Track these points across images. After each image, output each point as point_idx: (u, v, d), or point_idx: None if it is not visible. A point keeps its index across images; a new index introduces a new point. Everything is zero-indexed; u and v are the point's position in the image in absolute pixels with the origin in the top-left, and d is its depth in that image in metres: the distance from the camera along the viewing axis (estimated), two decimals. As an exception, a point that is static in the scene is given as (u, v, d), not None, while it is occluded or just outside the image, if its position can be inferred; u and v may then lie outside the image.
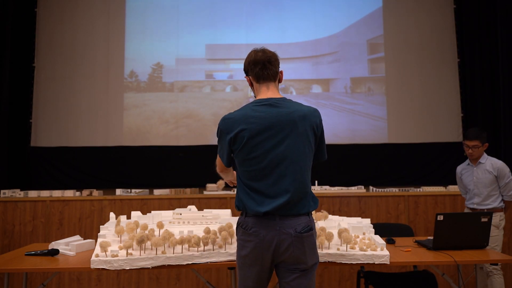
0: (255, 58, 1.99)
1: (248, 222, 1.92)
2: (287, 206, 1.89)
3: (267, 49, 2.03)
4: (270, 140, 1.89)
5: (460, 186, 3.77)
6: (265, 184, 1.90)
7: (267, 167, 1.90)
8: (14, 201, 4.27)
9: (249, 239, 1.91)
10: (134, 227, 2.52)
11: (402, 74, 5.92)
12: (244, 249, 1.93)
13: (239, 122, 1.91)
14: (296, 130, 1.91)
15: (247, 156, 1.91)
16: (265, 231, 1.89)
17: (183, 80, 5.91)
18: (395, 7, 6.00)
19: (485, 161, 3.55)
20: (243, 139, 1.90)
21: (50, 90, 5.79)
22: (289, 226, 1.89)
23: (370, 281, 3.13)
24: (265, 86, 2.01)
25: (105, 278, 4.13)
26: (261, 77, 2.00)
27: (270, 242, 1.88)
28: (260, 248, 1.89)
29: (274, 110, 1.93)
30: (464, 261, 2.54)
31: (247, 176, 1.93)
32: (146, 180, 5.49)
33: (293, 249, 1.88)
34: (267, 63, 1.99)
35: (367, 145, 5.82)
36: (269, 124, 1.90)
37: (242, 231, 1.94)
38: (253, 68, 2.00)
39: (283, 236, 1.88)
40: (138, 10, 5.97)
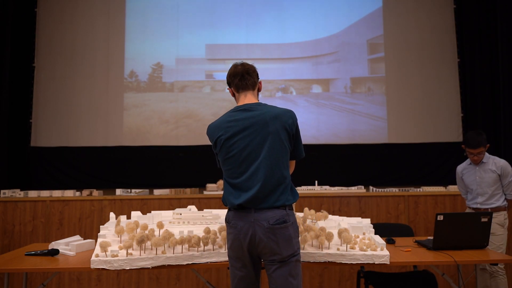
0: (235, 70, 2.20)
1: (229, 216, 2.12)
2: (257, 198, 2.04)
3: (246, 62, 2.24)
4: (244, 139, 2.08)
5: (461, 186, 3.72)
6: (241, 180, 2.08)
7: (242, 164, 2.08)
8: (14, 201, 4.26)
9: (230, 231, 2.10)
10: (134, 227, 2.52)
11: (402, 74, 5.92)
12: (228, 241, 2.12)
13: (218, 128, 2.14)
14: (267, 128, 2.08)
15: (225, 156, 2.11)
16: (242, 222, 2.06)
17: (183, 80, 5.91)
18: (395, 7, 6.00)
19: (487, 160, 3.50)
20: (221, 142, 2.11)
21: (50, 90, 5.80)
22: (263, 218, 2.04)
23: (370, 281, 3.13)
24: (243, 95, 2.21)
25: (105, 278, 4.13)
26: (240, 87, 2.20)
27: (246, 233, 2.04)
28: (238, 239, 2.06)
29: (248, 113, 2.12)
30: (464, 261, 2.54)
31: (228, 174, 2.13)
32: (146, 180, 5.49)
33: (267, 240, 2.02)
34: (246, 74, 2.19)
35: (367, 145, 5.82)
36: (242, 126, 2.09)
37: (226, 224, 2.15)
38: (233, 80, 2.20)
39: (256, 227, 2.03)
40: (138, 10, 5.97)
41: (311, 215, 2.90)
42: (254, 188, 2.04)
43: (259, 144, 2.07)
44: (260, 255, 2.07)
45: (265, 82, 5.93)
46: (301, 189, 4.51)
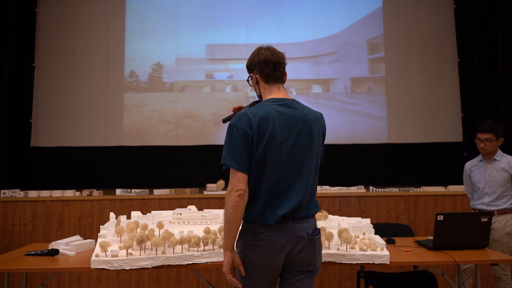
0: (266, 57, 1.95)
1: (258, 227, 1.86)
2: (299, 208, 1.87)
3: (276, 49, 2.00)
4: (289, 140, 1.87)
5: (467, 185, 3.54)
6: (283, 185, 1.86)
7: (285, 168, 1.86)
8: (14, 201, 4.26)
9: (261, 244, 1.84)
10: (134, 227, 2.52)
11: (402, 74, 5.92)
12: (253, 254, 1.86)
13: (267, 119, 1.84)
14: (312, 131, 1.91)
15: (269, 155, 1.84)
16: (278, 235, 1.84)
17: (183, 80, 5.91)
18: (395, 7, 6.00)
19: (500, 158, 3.32)
20: (265, 135, 1.82)
21: (50, 90, 5.80)
22: (301, 229, 1.87)
23: (370, 281, 3.13)
24: (276, 87, 1.98)
25: (105, 278, 4.13)
26: (272, 78, 1.97)
27: (283, 246, 1.84)
28: (272, 253, 1.84)
29: (291, 110, 1.91)
30: (464, 261, 2.54)
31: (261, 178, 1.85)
32: (146, 180, 5.49)
33: (306, 251, 1.87)
34: (278, 64, 1.96)
35: (367, 145, 5.82)
36: (288, 124, 1.88)
37: (251, 235, 1.87)
38: (263, 68, 1.95)
39: (296, 239, 1.86)
40: (138, 10, 5.96)
41: (311, 215, 2.90)
42: (299, 195, 1.85)
43: (305, 148, 1.88)
44: (292, 266, 1.89)
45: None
46: (301, 189, 4.50)
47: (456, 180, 4.50)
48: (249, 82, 2.08)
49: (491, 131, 3.29)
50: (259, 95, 2.05)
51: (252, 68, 2.00)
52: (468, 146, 5.64)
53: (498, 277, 3.27)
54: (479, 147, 3.34)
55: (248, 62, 2.01)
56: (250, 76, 2.04)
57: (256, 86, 2.02)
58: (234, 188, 1.81)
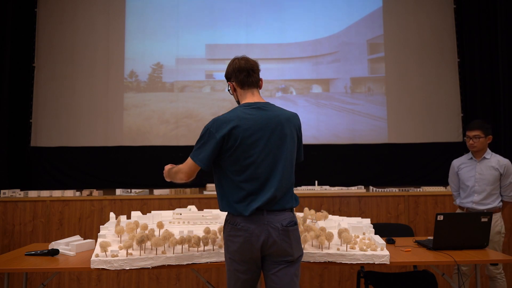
0: (240, 65, 2.13)
1: (237, 218, 2.01)
2: (273, 200, 2.00)
3: (248, 57, 2.20)
4: (262, 140, 2.02)
5: (453, 182, 3.56)
6: (260, 181, 2.00)
7: (259, 165, 2.00)
8: (14, 201, 4.26)
9: (238, 234, 2.00)
10: (134, 227, 2.52)
11: (402, 74, 5.92)
12: (233, 244, 2.02)
13: (230, 121, 2.01)
14: (283, 130, 2.06)
15: (242, 155, 2.00)
16: (254, 225, 1.99)
17: (183, 80, 5.91)
18: (395, 7, 6.00)
19: (490, 157, 3.35)
20: (237, 138, 1.99)
21: (50, 90, 5.79)
22: (276, 220, 2.00)
23: (370, 281, 3.13)
24: (250, 92, 2.15)
25: (105, 278, 4.13)
26: (246, 84, 2.14)
27: (259, 236, 1.98)
28: (249, 242, 1.99)
29: (263, 112, 2.06)
30: (464, 261, 2.54)
31: (239, 174, 2.01)
32: (146, 180, 5.48)
33: (281, 242, 1.99)
34: (251, 71, 2.14)
35: (367, 145, 5.82)
36: (260, 125, 2.03)
37: (231, 227, 2.03)
38: (237, 75, 2.13)
39: (270, 230, 1.99)
40: (138, 10, 5.96)
41: (311, 215, 2.91)
42: (272, 190, 1.99)
43: (277, 145, 2.04)
44: (269, 256, 2.03)
45: (265, 82, 5.90)
46: (301, 189, 4.51)
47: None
48: (229, 91, 2.25)
49: (479, 128, 3.34)
50: (238, 101, 2.22)
51: (229, 77, 2.18)
52: (468, 146, 5.63)
53: (492, 277, 3.28)
54: (468, 144, 3.39)
55: (226, 72, 2.20)
56: (229, 85, 2.21)
57: (234, 93, 2.20)
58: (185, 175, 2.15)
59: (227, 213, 2.08)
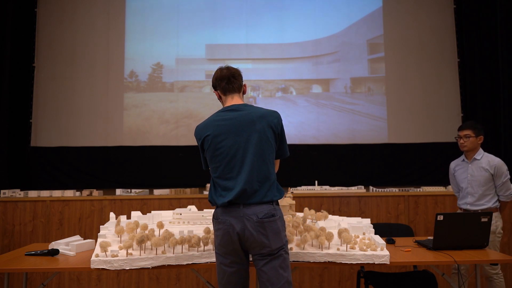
0: (221, 74, 2.29)
1: (217, 212, 2.15)
2: (245, 193, 2.10)
3: (231, 66, 2.33)
4: (232, 138, 2.14)
5: (453, 184, 3.58)
6: (230, 176, 2.13)
7: (230, 161, 2.13)
8: (14, 201, 4.27)
9: (219, 227, 2.13)
10: (134, 227, 2.52)
11: (402, 74, 5.92)
12: (217, 238, 2.15)
13: (206, 127, 2.20)
14: (254, 126, 2.15)
15: (213, 153, 2.16)
16: (231, 217, 2.10)
17: (183, 80, 5.91)
18: (395, 7, 6.00)
19: (480, 158, 3.35)
20: (209, 141, 2.17)
21: (50, 90, 5.80)
22: (252, 213, 2.09)
23: (370, 281, 3.13)
24: (230, 97, 2.28)
25: (105, 278, 4.13)
26: (227, 90, 2.28)
27: (234, 227, 2.09)
28: (228, 234, 2.09)
29: (235, 113, 2.20)
30: (464, 261, 2.54)
31: (216, 172, 2.17)
32: (146, 180, 5.49)
33: (257, 234, 2.08)
34: (232, 77, 2.27)
35: (367, 145, 5.82)
36: (230, 124, 2.16)
37: (214, 221, 2.17)
38: (220, 83, 2.28)
39: (246, 222, 2.08)
40: (138, 10, 5.97)
41: (311, 215, 2.90)
42: (242, 184, 2.09)
43: (246, 141, 2.13)
44: (249, 249, 2.12)
45: (265, 82, 5.94)
46: (301, 189, 4.51)
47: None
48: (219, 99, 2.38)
49: (470, 127, 3.37)
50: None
51: (214, 86, 2.33)
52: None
53: (489, 277, 3.27)
54: (459, 144, 3.42)
55: (212, 82, 2.34)
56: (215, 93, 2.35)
57: (220, 100, 2.35)
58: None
59: None
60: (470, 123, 3.44)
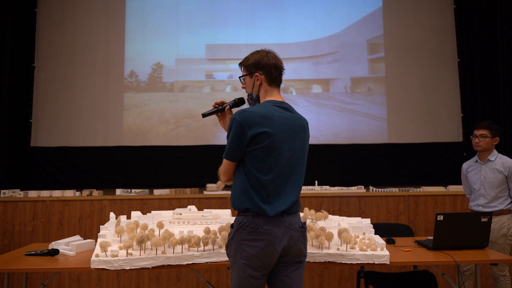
0: (276, 63, 2.07)
1: (257, 222, 1.93)
2: (294, 204, 2.01)
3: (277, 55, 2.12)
4: (288, 141, 1.99)
5: (465, 185, 3.52)
6: (283, 182, 1.98)
7: (284, 166, 1.97)
8: (14, 201, 4.26)
9: (260, 237, 1.92)
10: (134, 227, 2.52)
11: (402, 74, 5.92)
12: (251, 249, 1.92)
13: (265, 120, 1.94)
14: (304, 135, 2.07)
15: (269, 153, 1.94)
16: (277, 228, 1.94)
17: (183, 80, 5.91)
18: (395, 7, 6.00)
19: (495, 159, 3.30)
20: (267, 138, 1.93)
21: (50, 90, 5.79)
22: (294, 222, 2.00)
23: (370, 281, 3.13)
24: (276, 91, 2.10)
25: (105, 278, 4.13)
26: (275, 82, 2.08)
27: (281, 239, 1.95)
28: (271, 246, 1.93)
29: (289, 114, 2.04)
30: (464, 261, 2.54)
31: (264, 173, 1.94)
32: (146, 180, 5.49)
33: (299, 243, 2.01)
34: (282, 70, 2.11)
35: (367, 145, 5.82)
36: (288, 125, 2.00)
37: (250, 230, 1.93)
38: (272, 72, 2.05)
39: (291, 231, 1.97)
40: (138, 10, 5.96)
41: (311, 215, 2.90)
42: (295, 192, 2.01)
43: (299, 149, 2.03)
44: (285, 258, 1.99)
45: (265, 82, 5.92)
46: (301, 189, 4.50)
47: (456, 180, 4.49)
48: (241, 79, 2.17)
49: (487, 127, 3.31)
50: (252, 94, 2.13)
51: (257, 68, 2.06)
52: (468, 146, 5.60)
53: (496, 278, 3.27)
54: (473, 143, 3.35)
55: (254, 61, 2.07)
56: (251, 75, 2.09)
57: (256, 85, 2.09)
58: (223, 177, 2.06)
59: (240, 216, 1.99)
60: (487, 123, 3.35)
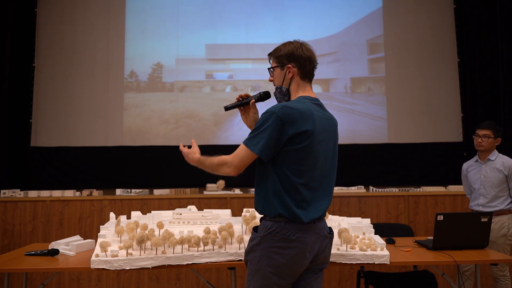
0: (311, 56, 1.94)
1: (290, 228, 1.78)
2: (326, 211, 1.92)
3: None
4: (325, 142, 1.86)
5: (465, 185, 3.53)
6: (317, 186, 1.85)
7: (318, 169, 1.84)
8: (14, 201, 4.27)
9: (292, 245, 1.78)
10: (134, 227, 2.52)
11: (402, 74, 5.92)
12: (280, 257, 1.78)
13: (307, 117, 1.78)
14: (336, 136, 1.96)
15: (308, 154, 1.78)
16: (308, 235, 1.81)
17: (183, 80, 5.91)
18: (395, 7, 6.00)
19: (495, 158, 3.31)
20: (308, 137, 1.77)
21: (50, 90, 5.79)
22: (323, 228, 1.90)
23: (370, 281, 3.13)
24: (309, 86, 1.97)
25: (105, 278, 4.13)
26: (308, 76, 1.95)
27: (313, 246, 1.84)
28: (303, 254, 1.80)
29: (325, 113, 1.93)
30: (464, 261, 2.54)
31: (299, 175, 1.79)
32: (146, 180, 5.48)
33: (327, 249, 1.92)
34: (316, 64, 1.99)
35: (367, 145, 5.82)
36: (325, 125, 1.88)
37: (281, 237, 1.78)
38: (307, 65, 1.92)
39: (321, 238, 1.87)
40: (138, 10, 5.96)
41: (311, 215, 2.90)
42: (327, 198, 1.89)
43: (332, 152, 1.91)
44: (312, 265, 1.88)
45: (265, 82, 5.92)
46: (301, 189, 4.50)
47: (456, 180, 4.49)
48: (270, 71, 1.99)
49: (490, 128, 3.32)
50: (281, 87, 1.95)
51: (291, 59, 1.92)
52: (468, 146, 5.63)
53: (496, 278, 3.27)
54: (476, 143, 3.36)
55: (287, 52, 1.93)
56: (282, 66, 1.94)
57: (288, 78, 1.92)
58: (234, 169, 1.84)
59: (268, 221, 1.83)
60: (490, 123, 3.36)
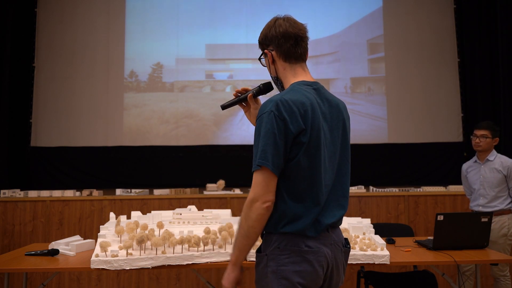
0: (286, 30, 1.60)
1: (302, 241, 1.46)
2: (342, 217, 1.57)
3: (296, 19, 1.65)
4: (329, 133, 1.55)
5: (465, 186, 3.54)
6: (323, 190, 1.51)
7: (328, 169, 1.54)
8: (14, 201, 4.26)
9: (307, 258, 1.45)
10: (134, 227, 2.52)
11: (402, 74, 5.92)
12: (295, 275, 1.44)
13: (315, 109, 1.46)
14: (345, 124, 1.61)
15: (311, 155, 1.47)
16: (324, 246, 1.49)
17: (183, 80, 5.90)
18: (395, 7, 6.00)
19: (493, 159, 3.32)
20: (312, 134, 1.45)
21: (50, 90, 5.79)
22: (339, 239, 1.55)
23: (370, 281, 3.13)
24: (300, 67, 1.60)
25: (105, 278, 4.13)
26: (293, 56, 1.58)
27: (329, 260, 1.50)
28: (320, 270, 1.47)
29: (326, 98, 1.58)
30: (464, 261, 2.54)
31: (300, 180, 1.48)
32: (146, 180, 5.48)
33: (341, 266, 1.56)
34: (300, 39, 1.59)
35: (367, 145, 5.82)
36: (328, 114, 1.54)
37: (291, 250, 1.46)
38: (282, 43, 1.58)
39: (336, 250, 1.53)
40: (138, 10, 5.96)
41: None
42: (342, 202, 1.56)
43: (342, 143, 1.59)
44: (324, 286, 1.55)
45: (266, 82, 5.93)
46: (301, 189, 4.50)
47: (456, 180, 4.49)
48: (261, 61, 1.74)
49: (488, 128, 3.34)
50: (275, 77, 1.67)
51: (266, 43, 1.66)
52: (468, 146, 5.62)
53: (496, 278, 3.27)
54: (473, 143, 3.37)
55: (262, 36, 1.69)
56: (264, 54, 1.69)
57: (272, 65, 1.65)
58: (262, 198, 1.42)
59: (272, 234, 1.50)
60: (488, 123, 3.38)
